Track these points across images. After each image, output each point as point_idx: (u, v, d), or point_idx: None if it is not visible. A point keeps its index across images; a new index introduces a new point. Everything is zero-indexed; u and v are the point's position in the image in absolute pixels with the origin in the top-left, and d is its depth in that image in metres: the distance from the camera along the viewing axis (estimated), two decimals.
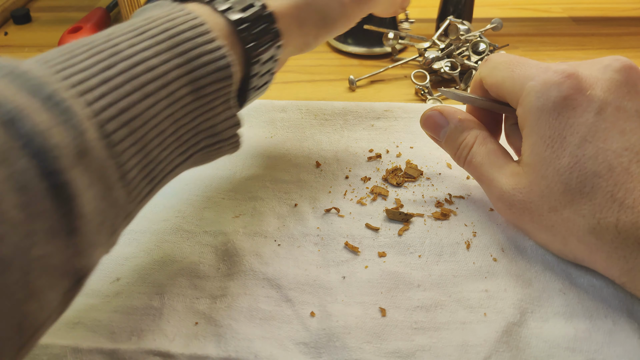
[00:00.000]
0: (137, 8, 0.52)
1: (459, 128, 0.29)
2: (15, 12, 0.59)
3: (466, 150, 0.28)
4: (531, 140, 0.25)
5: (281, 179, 0.34)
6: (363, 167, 0.35)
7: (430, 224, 0.31)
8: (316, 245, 0.30)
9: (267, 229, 0.31)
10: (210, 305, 0.27)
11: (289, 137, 0.38)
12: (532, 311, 0.26)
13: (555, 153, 0.24)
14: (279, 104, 0.41)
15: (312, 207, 0.32)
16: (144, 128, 0.20)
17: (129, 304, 0.27)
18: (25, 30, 0.58)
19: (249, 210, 0.32)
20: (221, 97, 0.23)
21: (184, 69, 0.22)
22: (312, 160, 0.36)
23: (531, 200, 0.25)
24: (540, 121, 0.24)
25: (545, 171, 0.24)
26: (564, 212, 0.24)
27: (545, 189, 0.24)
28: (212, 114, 0.24)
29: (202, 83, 0.22)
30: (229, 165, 0.36)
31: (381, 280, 0.28)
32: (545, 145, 0.24)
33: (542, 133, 0.24)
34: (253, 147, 0.37)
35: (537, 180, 0.24)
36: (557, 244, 0.26)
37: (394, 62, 0.48)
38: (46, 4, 0.64)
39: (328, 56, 0.52)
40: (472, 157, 0.28)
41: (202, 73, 0.22)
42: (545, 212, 0.25)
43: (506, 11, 0.60)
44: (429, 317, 0.26)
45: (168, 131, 0.22)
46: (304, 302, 0.27)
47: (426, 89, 0.44)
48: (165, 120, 0.21)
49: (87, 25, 0.52)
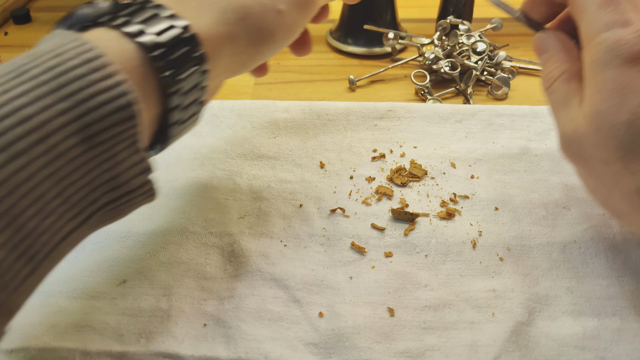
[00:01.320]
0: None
1: (553, 58, 0.28)
2: (15, 12, 0.59)
3: (548, 82, 0.28)
4: (592, 91, 0.25)
5: (285, 180, 0.35)
6: (367, 167, 0.36)
7: (436, 223, 0.31)
8: (322, 245, 0.30)
9: (273, 230, 0.31)
10: (218, 306, 0.27)
11: (292, 138, 0.38)
12: (540, 310, 0.26)
13: (614, 108, 0.24)
14: (281, 105, 0.41)
15: (318, 207, 0.33)
16: (12, 197, 0.17)
17: (137, 305, 0.27)
18: (25, 30, 0.58)
19: (254, 211, 0.32)
20: (123, 141, 0.20)
21: (72, 114, 0.18)
22: (316, 161, 0.36)
23: (585, 149, 0.25)
24: (605, 75, 0.24)
25: (601, 124, 0.24)
26: (614, 166, 0.24)
27: (599, 141, 0.24)
28: (112, 163, 0.20)
29: (95, 129, 0.19)
30: (233, 166, 0.36)
31: (388, 280, 0.28)
32: (604, 100, 0.24)
33: (603, 87, 0.24)
34: (256, 147, 0.37)
35: (592, 132, 0.24)
36: (602, 194, 0.26)
37: (394, 62, 0.49)
38: (46, 4, 0.65)
39: (328, 56, 0.52)
40: (551, 91, 0.28)
41: (95, 117, 0.19)
42: (597, 163, 0.25)
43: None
44: (437, 317, 0.26)
45: (50, 194, 0.18)
46: (312, 303, 0.27)
47: (426, 89, 0.44)
48: (44, 181, 0.18)
49: None
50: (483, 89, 0.46)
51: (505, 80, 0.44)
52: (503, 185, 0.34)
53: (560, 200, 0.33)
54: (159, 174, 0.35)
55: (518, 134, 0.38)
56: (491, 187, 0.34)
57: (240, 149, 0.37)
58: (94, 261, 0.29)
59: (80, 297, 0.27)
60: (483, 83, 0.47)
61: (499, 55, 0.46)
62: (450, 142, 0.38)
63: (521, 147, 0.37)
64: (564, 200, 0.33)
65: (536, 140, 0.38)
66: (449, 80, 0.47)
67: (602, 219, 0.31)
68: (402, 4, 0.62)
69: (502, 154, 0.36)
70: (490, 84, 0.45)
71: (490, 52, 0.46)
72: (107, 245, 0.30)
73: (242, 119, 0.40)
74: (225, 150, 0.37)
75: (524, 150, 0.37)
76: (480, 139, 0.38)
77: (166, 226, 0.31)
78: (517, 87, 0.46)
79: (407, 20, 0.58)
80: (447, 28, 0.47)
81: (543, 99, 0.44)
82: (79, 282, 0.28)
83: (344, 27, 0.52)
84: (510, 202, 0.33)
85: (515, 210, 0.32)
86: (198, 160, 0.36)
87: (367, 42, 0.51)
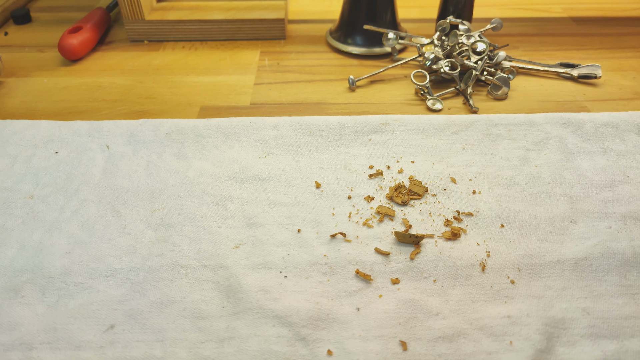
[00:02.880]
0: (137, 8, 0.51)
1: None
2: (15, 12, 0.59)
3: None
4: None
5: (280, 202, 0.33)
6: (365, 185, 0.34)
7: (442, 245, 0.30)
8: (325, 274, 0.29)
9: (271, 260, 0.29)
10: (218, 349, 0.25)
11: (284, 156, 0.37)
12: (557, 336, 0.25)
13: None
14: (270, 121, 0.40)
15: (317, 232, 0.31)
16: None
17: (127, 354, 0.25)
18: (25, 30, 0.58)
19: (249, 239, 0.31)
20: None
21: None
22: (310, 180, 0.35)
23: None
24: None
25: None
26: None
27: None
28: None
29: None
30: (224, 190, 0.34)
31: (398, 309, 0.27)
32: None
33: None
34: (246, 168, 0.36)
35: None
36: None
37: (394, 62, 0.48)
38: (46, 4, 0.64)
39: (328, 56, 0.51)
40: None
41: None
42: None
43: (506, 11, 0.60)
44: (452, 349, 0.25)
45: None
46: (319, 340, 0.25)
47: (426, 89, 0.44)
48: None
49: (87, 25, 0.52)
50: (483, 89, 0.45)
51: (505, 80, 0.44)
52: (506, 200, 0.33)
53: (565, 213, 0.32)
54: (143, 202, 0.33)
55: (516, 144, 0.38)
56: (495, 202, 0.33)
57: (230, 170, 0.35)
58: (77, 305, 0.27)
59: (64, 348, 0.25)
60: (483, 83, 0.46)
61: (498, 55, 0.45)
62: (448, 155, 0.37)
63: (520, 157, 0.36)
64: (570, 214, 0.32)
65: (535, 149, 0.37)
66: (448, 80, 0.46)
67: (610, 233, 0.31)
68: (402, 4, 0.62)
69: (502, 166, 0.36)
70: (490, 84, 0.44)
71: (490, 52, 0.46)
72: (90, 286, 0.28)
73: (230, 138, 0.38)
74: (214, 173, 0.35)
75: (524, 161, 0.36)
76: (478, 151, 0.37)
77: (155, 261, 0.29)
78: (517, 87, 0.46)
79: (407, 20, 0.57)
80: (447, 28, 0.47)
81: (542, 99, 0.44)
82: (61, 330, 0.26)
83: (344, 27, 0.51)
84: (516, 217, 0.32)
85: (521, 227, 0.31)
86: (185, 186, 0.34)
87: (367, 42, 0.50)
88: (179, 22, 0.53)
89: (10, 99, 0.45)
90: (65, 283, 0.28)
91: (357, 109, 0.43)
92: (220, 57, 0.51)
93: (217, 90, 0.46)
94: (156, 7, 0.55)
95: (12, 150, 0.37)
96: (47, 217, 0.32)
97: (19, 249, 0.30)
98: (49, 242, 0.30)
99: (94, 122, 0.40)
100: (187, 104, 0.44)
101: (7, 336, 0.25)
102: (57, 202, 0.33)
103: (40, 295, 0.27)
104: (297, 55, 0.51)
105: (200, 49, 0.53)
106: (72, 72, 0.48)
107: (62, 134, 0.39)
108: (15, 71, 0.49)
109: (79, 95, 0.45)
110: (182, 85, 0.46)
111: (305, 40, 0.54)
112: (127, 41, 0.54)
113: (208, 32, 0.54)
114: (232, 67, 0.49)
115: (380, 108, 0.43)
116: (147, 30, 0.53)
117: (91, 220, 0.32)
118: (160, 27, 0.53)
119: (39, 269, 0.28)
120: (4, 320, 0.26)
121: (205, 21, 0.53)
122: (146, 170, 0.35)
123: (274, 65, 0.50)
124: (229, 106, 0.43)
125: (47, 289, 0.27)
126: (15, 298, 0.27)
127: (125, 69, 0.49)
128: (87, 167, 0.36)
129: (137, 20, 0.52)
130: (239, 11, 0.54)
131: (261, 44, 0.54)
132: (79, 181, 0.35)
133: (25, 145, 0.38)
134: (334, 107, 0.43)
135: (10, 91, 0.46)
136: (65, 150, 0.37)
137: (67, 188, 0.34)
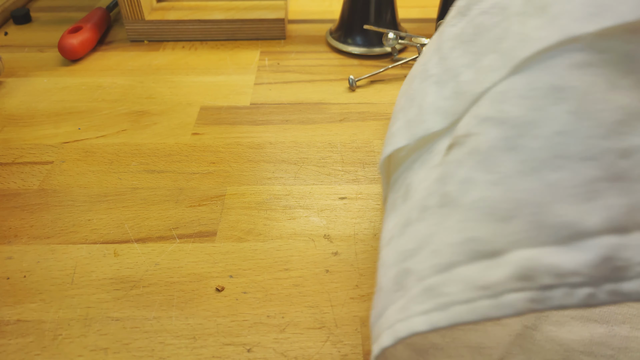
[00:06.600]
0: (137, 8, 0.54)
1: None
2: (15, 12, 0.60)
3: None
4: None
5: None
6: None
7: None
8: None
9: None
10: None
11: None
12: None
13: None
14: None
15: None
16: None
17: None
18: (25, 30, 0.59)
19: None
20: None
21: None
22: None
23: None
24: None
25: None
26: None
27: None
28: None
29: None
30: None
31: None
32: None
33: None
34: None
35: None
36: None
37: (394, 62, 0.50)
38: (46, 4, 0.66)
39: (328, 56, 0.53)
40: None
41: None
42: None
43: None
44: None
45: None
46: None
47: None
48: None
49: (87, 25, 0.53)
50: None
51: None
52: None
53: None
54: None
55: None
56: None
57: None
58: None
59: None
60: None
61: None
62: None
63: None
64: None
65: None
66: None
67: None
68: (402, 4, 0.64)
69: None
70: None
71: None
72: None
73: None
74: None
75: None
76: None
77: None
78: None
79: (407, 20, 0.59)
80: None
81: None
82: None
83: (344, 27, 0.53)
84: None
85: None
86: None
87: (367, 42, 0.52)
88: (179, 22, 0.55)
89: (10, 99, 0.47)
90: None
91: (357, 109, 0.45)
92: (220, 57, 0.54)
93: (217, 90, 0.48)
94: (156, 7, 0.58)
95: None
96: None
97: None
98: None
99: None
100: (187, 104, 0.46)
101: None
102: None
103: None
104: (297, 55, 0.54)
105: (200, 49, 0.55)
106: (72, 72, 0.51)
107: None
108: (15, 71, 0.51)
109: (79, 95, 0.47)
110: (182, 85, 0.49)
111: (305, 40, 0.56)
112: (127, 41, 0.57)
113: (208, 32, 0.56)
114: (232, 67, 0.52)
115: (380, 108, 0.45)
116: (147, 30, 0.56)
117: None
118: (160, 27, 0.56)
119: None
120: None
121: (205, 21, 0.55)
122: None
123: (274, 65, 0.52)
124: (229, 106, 0.45)
125: None
126: None
127: (125, 69, 0.51)
128: None
129: (137, 20, 0.55)
130: (239, 11, 0.57)
131: (261, 44, 0.56)
132: None
133: None
134: (334, 107, 0.45)
135: (10, 91, 0.48)
136: None
137: None
